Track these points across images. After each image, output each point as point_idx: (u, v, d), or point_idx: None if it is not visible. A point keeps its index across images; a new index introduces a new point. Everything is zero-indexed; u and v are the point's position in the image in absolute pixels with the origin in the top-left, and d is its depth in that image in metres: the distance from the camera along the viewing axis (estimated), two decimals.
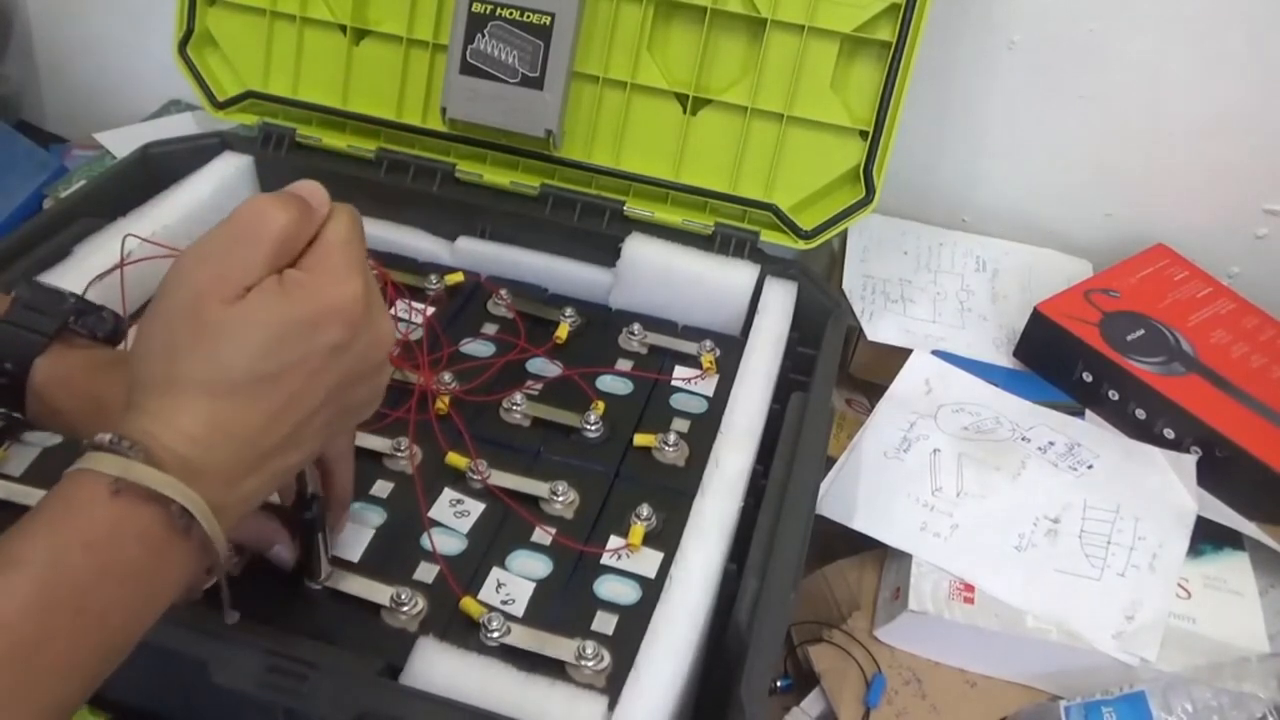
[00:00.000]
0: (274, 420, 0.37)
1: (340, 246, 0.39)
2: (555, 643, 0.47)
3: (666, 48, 0.72)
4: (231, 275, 0.36)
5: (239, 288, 0.36)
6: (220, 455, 0.36)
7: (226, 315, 0.36)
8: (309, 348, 0.37)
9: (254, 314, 0.36)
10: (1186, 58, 0.76)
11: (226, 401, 0.36)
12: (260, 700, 0.42)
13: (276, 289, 0.37)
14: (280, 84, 0.78)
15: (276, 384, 0.37)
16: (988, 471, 0.65)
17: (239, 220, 0.38)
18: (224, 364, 0.36)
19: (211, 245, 0.37)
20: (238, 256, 0.37)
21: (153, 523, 0.34)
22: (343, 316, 0.38)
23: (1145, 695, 0.53)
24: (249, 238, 0.37)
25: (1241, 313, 0.78)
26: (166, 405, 0.35)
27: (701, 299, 0.70)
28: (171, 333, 0.36)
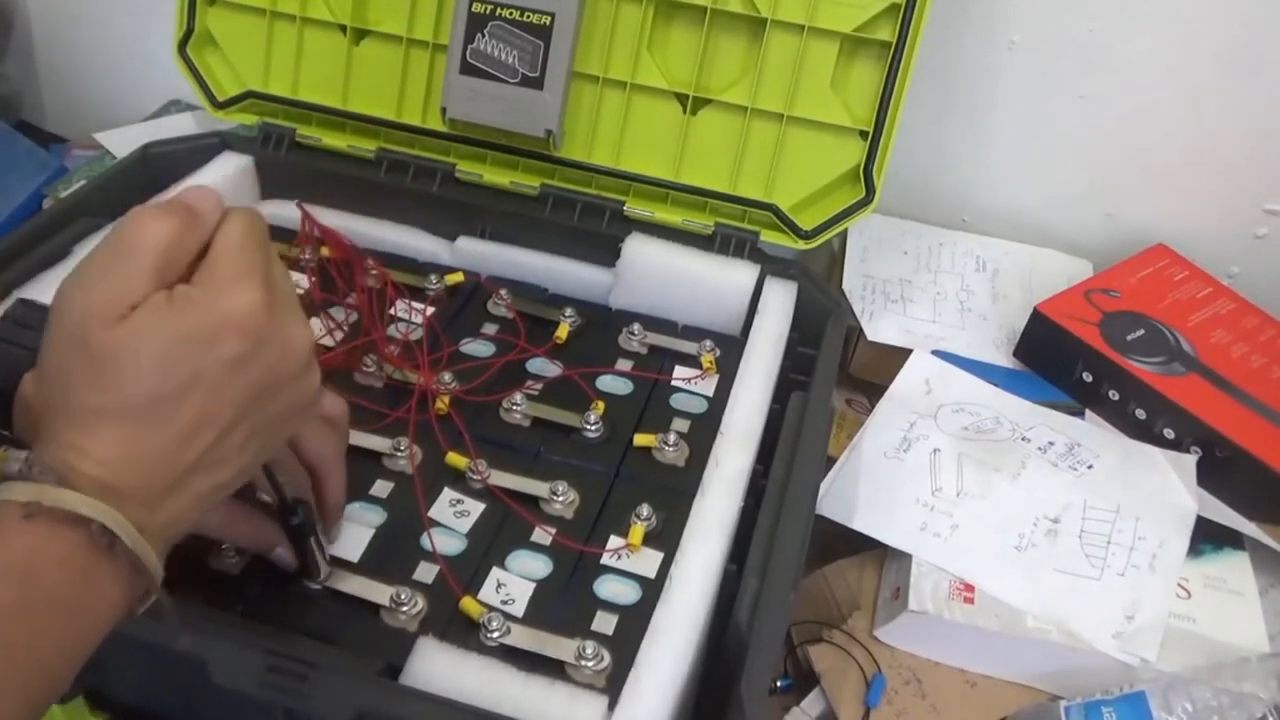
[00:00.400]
0: (184, 441, 0.35)
1: (233, 253, 0.36)
2: (555, 643, 0.47)
3: (666, 48, 0.72)
4: (113, 295, 0.34)
5: (123, 307, 0.34)
6: (134, 478, 0.34)
7: (112, 338, 0.34)
8: (204, 363, 0.35)
9: (141, 334, 0.34)
10: (1186, 58, 0.76)
11: (129, 426, 0.34)
12: (260, 700, 0.42)
13: (164, 305, 0.35)
14: (280, 84, 0.78)
15: (178, 404, 0.35)
16: (988, 471, 0.65)
17: (117, 236, 0.36)
18: (117, 389, 0.34)
19: (91, 266, 0.36)
20: (118, 274, 0.35)
21: (73, 546, 0.32)
22: (238, 328, 0.35)
23: (1145, 695, 0.53)
24: (127, 252, 0.35)
25: (1241, 313, 0.78)
26: (72, 434, 0.34)
27: (701, 299, 0.70)
28: (62, 361, 0.35)
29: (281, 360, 0.37)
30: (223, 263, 0.36)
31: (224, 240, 0.37)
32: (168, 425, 0.35)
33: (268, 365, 0.37)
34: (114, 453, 0.34)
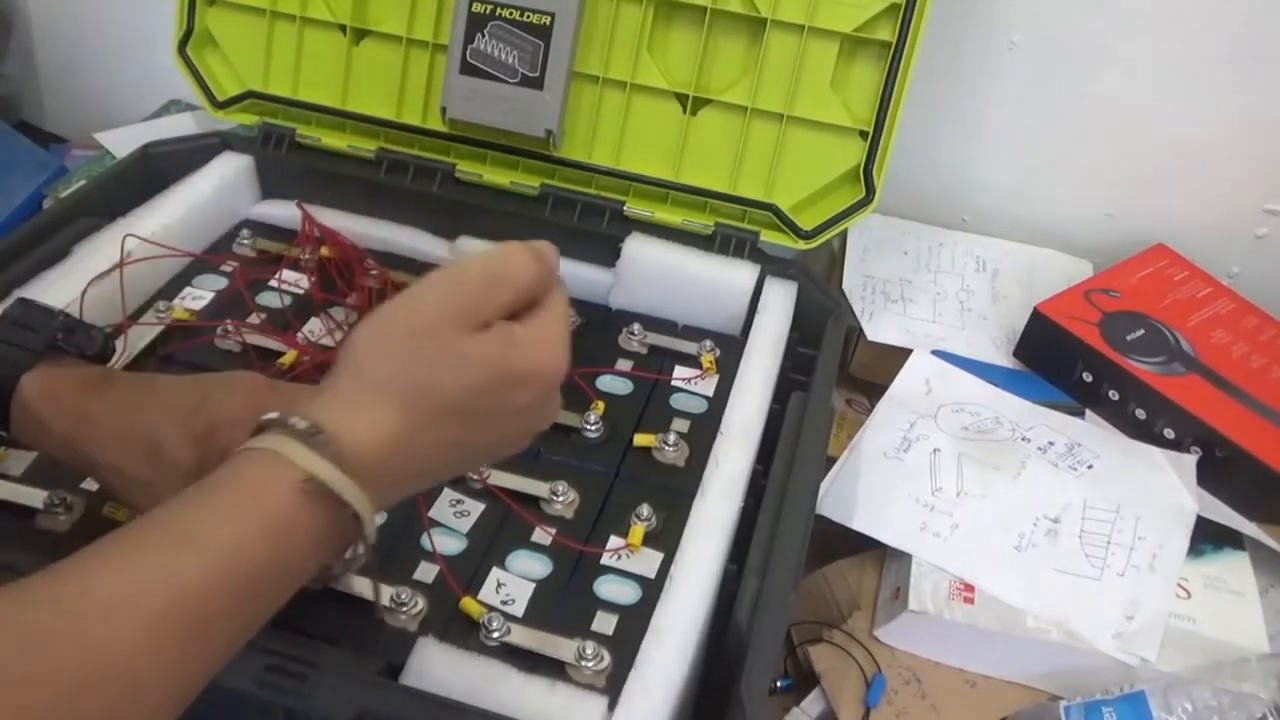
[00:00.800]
0: (451, 449, 0.39)
1: (559, 317, 0.41)
2: (555, 643, 0.47)
3: (666, 48, 0.72)
4: (478, 309, 0.38)
5: (479, 322, 0.38)
6: (396, 465, 0.37)
7: (460, 345, 0.37)
8: (506, 399, 0.39)
9: (481, 353, 0.38)
10: (1186, 58, 0.76)
11: (423, 420, 0.37)
12: (260, 700, 0.42)
13: (506, 338, 0.38)
14: (280, 84, 0.78)
15: (468, 421, 0.38)
16: (988, 471, 0.65)
17: (498, 261, 0.39)
18: (439, 388, 0.37)
19: (471, 275, 0.39)
20: (489, 294, 0.39)
21: (327, 521, 0.35)
22: (543, 383, 0.40)
23: (1145, 695, 0.53)
24: (503, 280, 0.39)
25: (1241, 313, 0.78)
26: (367, 402, 0.37)
27: (701, 299, 0.70)
28: (403, 339, 0.38)
29: (541, 420, 0.42)
30: (553, 323, 0.40)
31: (558, 302, 0.41)
32: (450, 432, 0.38)
33: (532, 421, 0.41)
34: (393, 438, 0.37)
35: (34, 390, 0.46)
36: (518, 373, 0.39)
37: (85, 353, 0.49)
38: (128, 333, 0.62)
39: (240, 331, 0.63)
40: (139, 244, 0.66)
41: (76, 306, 0.60)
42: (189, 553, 0.32)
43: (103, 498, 0.52)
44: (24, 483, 0.53)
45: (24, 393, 0.46)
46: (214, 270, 0.70)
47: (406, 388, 0.37)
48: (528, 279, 0.39)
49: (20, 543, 0.50)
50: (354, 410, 0.37)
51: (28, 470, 0.54)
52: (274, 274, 0.70)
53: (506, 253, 0.40)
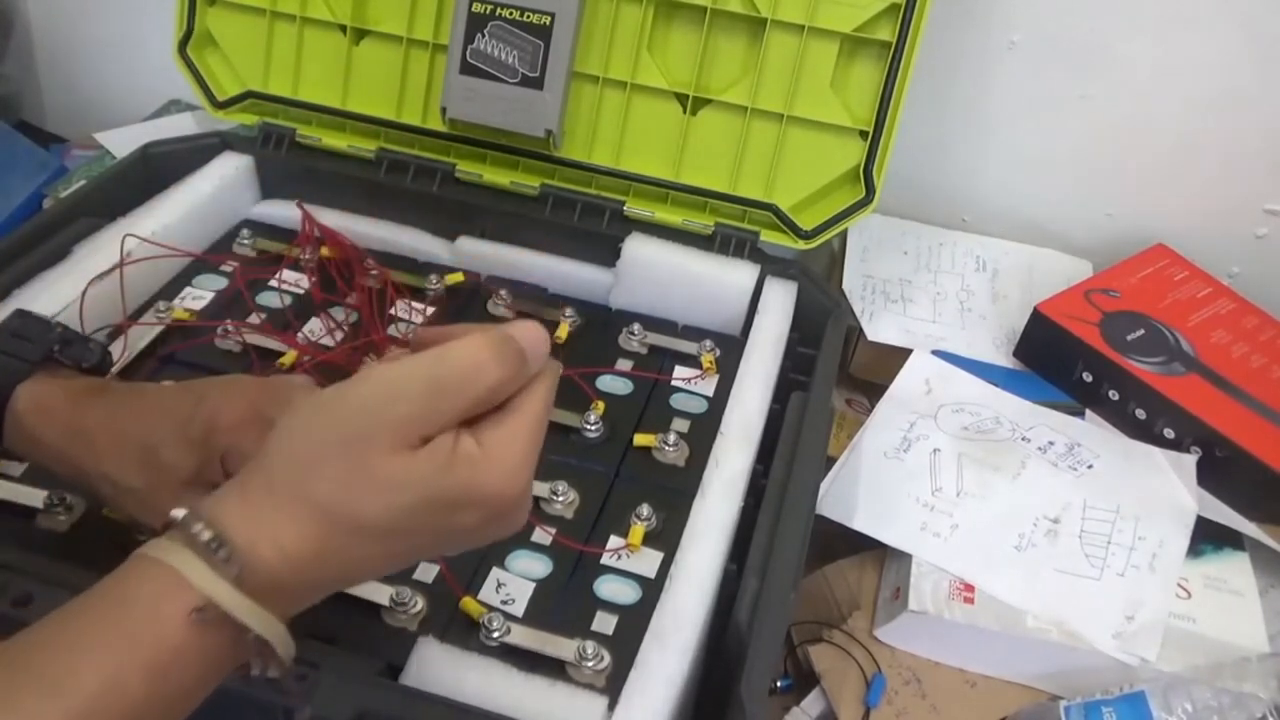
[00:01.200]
0: (378, 561, 0.36)
1: (529, 431, 0.35)
2: (555, 643, 0.47)
3: (666, 48, 0.72)
4: (417, 424, 0.34)
5: (417, 439, 0.34)
6: (311, 578, 0.34)
7: (390, 465, 0.33)
8: (446, 521, 0.35)
9: (415, 476, 0.34)
10: (1186, 57, 0.76)
11: (344, 538, 0.34)
12: (260, 700, 0.42)
13: (447, 458, 0.34)
14: (280, 84, 0.78)
15: (399, 539, 0.35)
16: (988, 471, 0.65)
17: (451, 365, 0.34)
18: (362, 508, 0.34)
19: (416, 382, 0.34)
20: (435, 406, 0.34)
21: (225, 644, 0.33)
22: (490, 508, 0.35)
23: (1145, 695, 0.53)
24: (455, 390, 0.34)
25: (1241, 313, 0.78)
26: (282, 516, 0.34)
27: (701, 299, 0.70)
28: (325, 449, 0.34)
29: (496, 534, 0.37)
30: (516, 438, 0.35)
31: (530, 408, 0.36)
32: (375, 548, 0.35)
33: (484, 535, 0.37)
34: (310, 553, 0.34)
35: (28, 402, 0.46)
36: (457, 499, 0.34)
37: (82, 364, 0.49)
38: (128, 333, 0.62)
39: (240, 331, 0.63)
40: (139, 244, 0.66)
41: (76, 307, 0.60)
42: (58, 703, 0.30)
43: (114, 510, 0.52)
44: (24, 483, 0.53)
45: (18, 404, 0.46)
46: (214, 270, 0.70)
47: (323, 505, 0.34)
48: (485, 386, 0.34)
49: (20, 543, 0.50)
50: (263, 522, 0.33)
51: (28, 470, 0.54)
52: (274, 274, 0.70)
53: (462, 354, 0.34)
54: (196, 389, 0.46)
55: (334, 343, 0.64)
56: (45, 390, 0.46)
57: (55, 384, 0.47)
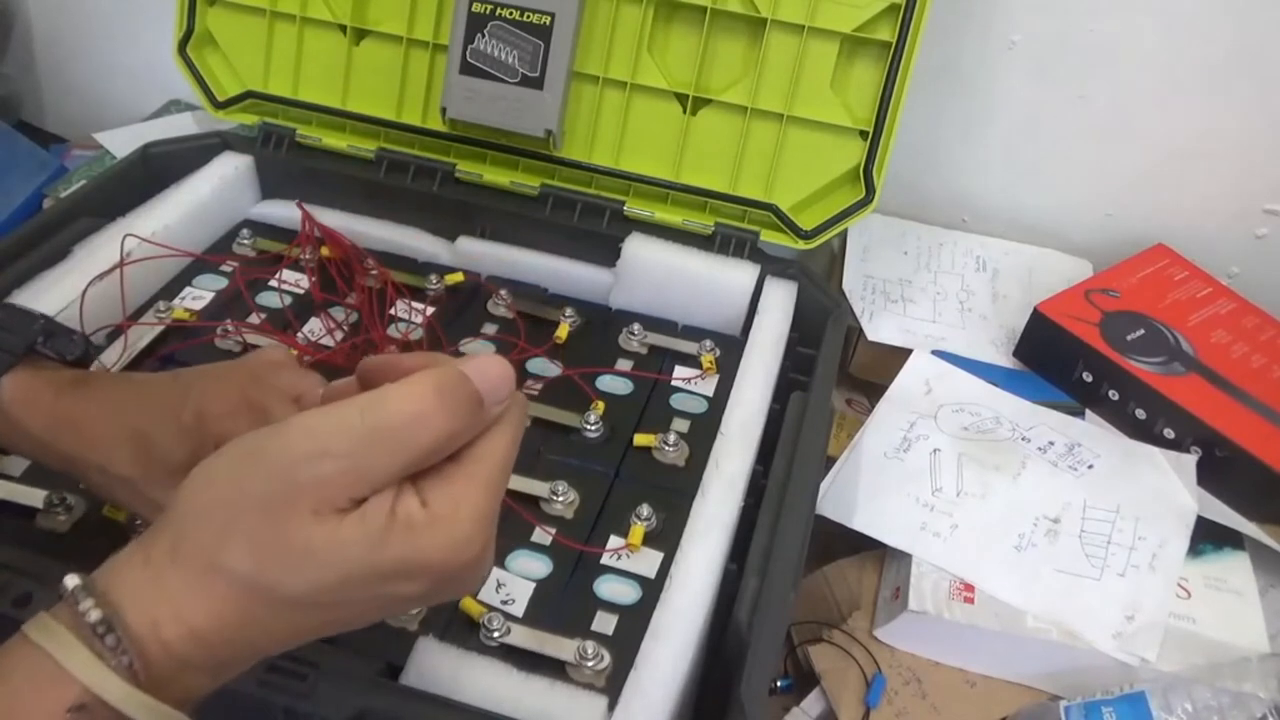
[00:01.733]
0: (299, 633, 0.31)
1: (486, 486, 0.30)
2: (555, 643, 0.47)
3: (666, 48, 0.72)
4: (345, 485, 0.29)
5: (346, 501, 0.29)
6: (226, 655, 0.30)
7: (313, 534, 0.29)
8: (383, 592, 0.30)
9: (342, 547, 0.29)
10: (1186, 57, 0.76)
11: (263, 611, 0.30)
12: (260, 700, 0.42)
13: (382, 526, 0.29)
14: (280, 84, 0.78)
15: (328, 610, 0.30)
16: (988, 471, 0.65)
17: (388, 415, 0.29)
18: (281, 581, 0.29)
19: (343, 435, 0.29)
20: (366, 464, 0.29)
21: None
22: (437, 578, 0.30)
23: (1145, 695, 0.53)
24: (391, 445, 0.29)
25: (1241, 313, 0.78)
26: (190, 589, 0.29)
27: (701, 299, 0.70)
28: (243, 510, 0.29)
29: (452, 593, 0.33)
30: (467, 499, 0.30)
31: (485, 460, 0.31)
32: (300, 622, 0.30)
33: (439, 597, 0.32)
34: (217, 626, 0.29)
35: (13, 393, 0.45)
36: (394, 571, 0.29)
37: (66, 357, 0.48)
38: (128, 333, 0.62)
39: (240, 331, 0.63)
40: (139, 244, 0.66)
41: (76, 307, 0.60)
42: None
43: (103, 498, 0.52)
44: (24, 483, 0.53)
45: (2, 395, 0.45)
46: (214, 270, 0.70)
47: (237, 577, 0.29)
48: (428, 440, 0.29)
49: (20, 543, 0.50)
50: (167, 597, 0.29)
51: (28, 470, 0.54)
52: (274, 274, 0.70)
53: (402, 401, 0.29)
54: (185, 377, 0.46)
55: (334, 343, 0.64)
56: (30, 381, 0.46)
57: (40, 375, 0.46)
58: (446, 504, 0.30)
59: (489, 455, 0.31)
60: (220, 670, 0.31)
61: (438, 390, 0.30)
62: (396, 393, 0.30)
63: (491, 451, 0.31)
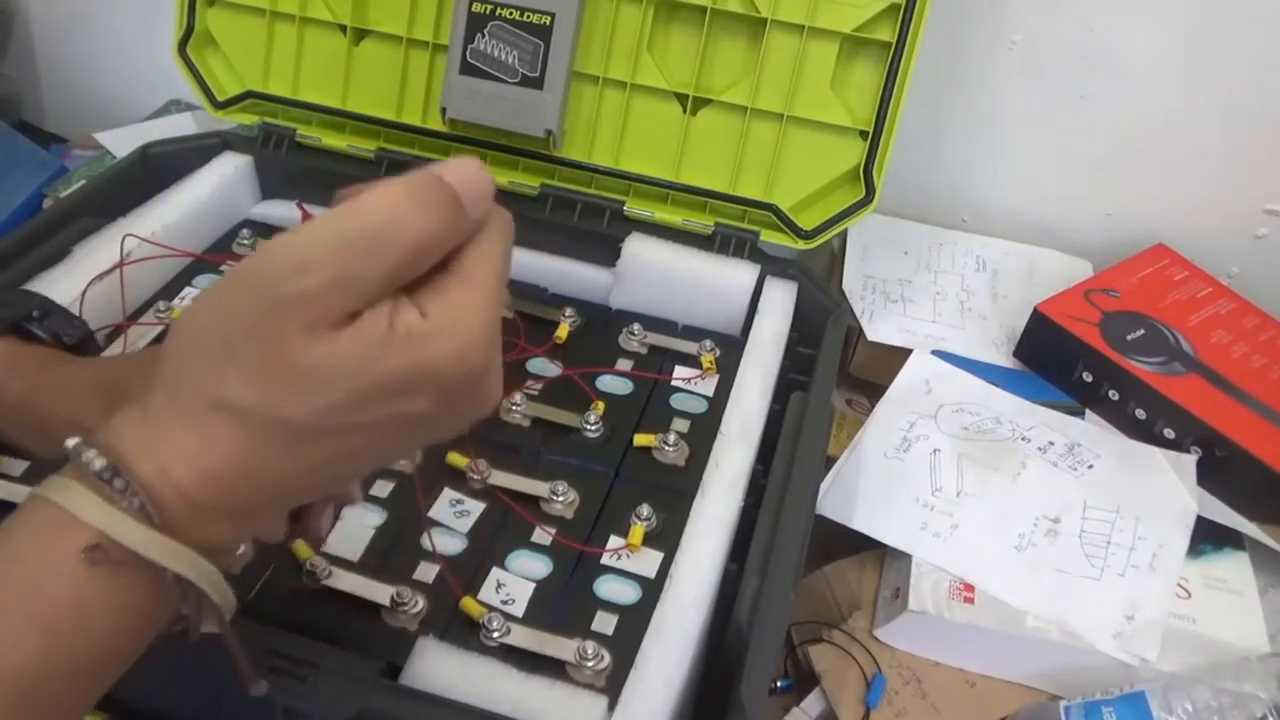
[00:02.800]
0: (316, 469, 0.30)
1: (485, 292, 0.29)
2: (555, 643, 0.47)
3: (666, 48, 0.72)
4: (334, 296, 0.27)
5: (339, 314, 0.28)
6: (239, 497, 0.29)
7: (310, 352, 0.27)
8: (390, 411, 0.29)
9: (344, 362, 0.27)
10: (1186, 57, 0.76)
11: (274, 446, 0.28)
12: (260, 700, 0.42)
13: (384, 336, 0.28)
14: (280, 84, 0.78)
15: (336, 439, 0.29)
16: (988, 471, 0.65)
17: (363, 218, 0.28)
18: (287, 408, 0.28)
19: (321, 245, 0.28)
20: (349, 272, 0.27)
21: (136, 594, 0.28)
22: (443, 391, 0.29)
23: (1145, 695, 0.53)
24: (370, 248, 0.28)
25: (1241, 313, 0.78)
26: (193, 430, 0.28)
27: (701, 299, 0.70)
28: (235, 344, 0.28)
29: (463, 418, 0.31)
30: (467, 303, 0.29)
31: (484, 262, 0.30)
32: (312, 454, 0.29)
33: (447, 423, 0.31)
34: (233, 468, 0.28)
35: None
36: (403, 383, 0.28)
37: (61, 338, 0.47)
38: (128, 333, 0.62)
39: None
40: (139, 244, 0.66)
41: (76, 307, 0.60)
42: None
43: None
44: (23, 482, 0.53)
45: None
46: (214, 270, 0.70)
47: (239, 410, 0.28)
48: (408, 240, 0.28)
49: None
50: (172, 441, 0.28)
51: (27, 470, 0.54)
52: None
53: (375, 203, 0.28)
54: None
55: None
56: (16, 351, 0.45)
57: (29, 348, 0.46)
58: (445, 312, 0.29)
59: (481, 263, 0.30)
60: (241, 516, 0.30)
61: (410, 191, 0.28)
62: (369, 198, 0.28)
63: (483, 260, 0.30)
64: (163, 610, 0.29)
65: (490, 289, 0.30)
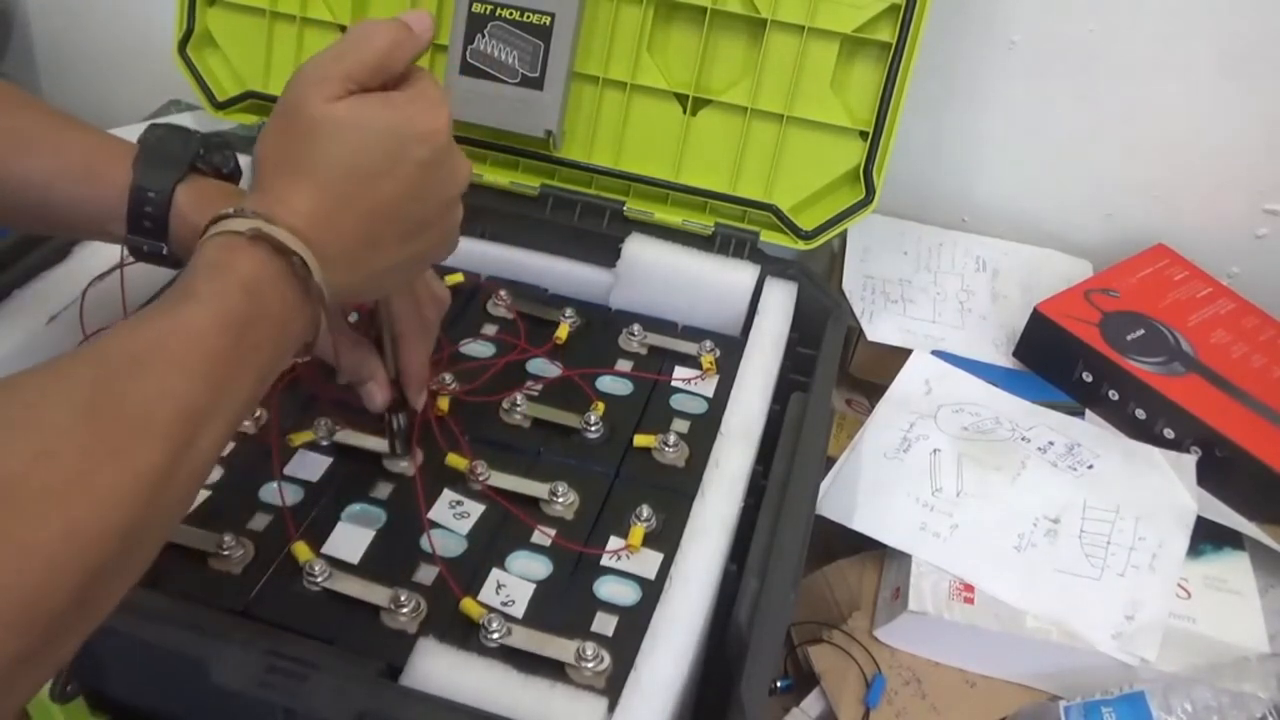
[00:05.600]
0: (369, 219, 0.41)
1: (434, 81, 0.43)
2: (555, 644, 0.47)
3: (666, 48, 0.72)
4: (333, 77, 0.40)
5: (340, 89, 0.40)
6: (323, 235, 0.39)
7: (331, 110, 0.40)
8: (401, 157, 0.41)
9: (354, 114, 0.40)
10: (1186, 57, 0.76)
11: (330, 193, 0.40)
12: (260, 700, 0.42)
13: (379, 98, 0.41)
14: (280, 84, 0.77)
15: (371, 184, 0.41)
16: (988, 471, 0.65)
17: (346, 36, 0.42)
18: (326, 155, 0.40)
19: (321, 56, 0.42)
20: (342, 63, 0.41)
21: (283, 272, 0.38)
22: (433, 139, 0.42)
23: (1145, 695, 0.53)
24: (355, 47, 0.41)
25: (1241, 313, 0.78)
26: (279, 188, 0.40)
27: (701, 299, 0.70)
28: (284, 127, 0.41)
29: (449, 181, 0.44)
30: (428, 85, 0.43)
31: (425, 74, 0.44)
32: (359, 201, 0.41)
33: (440, 180, 0.44)
34: (310, 208, 0.39)
35: (189, 198, 0.48)
36: (397, 127, 0.41)
37: (222, 170, 0.51)
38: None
39: None
40: None
41: (77, 307, 0.60)
42: (188, 307, 0.36)
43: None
44: None
45: (180, 203, 0.48)
46: None
47: (299, 165, 0.40)
48: (381, 42, 0.42)
49: None
50: (268, 200, 0.39)
51: None
52: None
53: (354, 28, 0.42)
54: None
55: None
56: (203, 188, 0.49)
57: (209, 183, 0.50)
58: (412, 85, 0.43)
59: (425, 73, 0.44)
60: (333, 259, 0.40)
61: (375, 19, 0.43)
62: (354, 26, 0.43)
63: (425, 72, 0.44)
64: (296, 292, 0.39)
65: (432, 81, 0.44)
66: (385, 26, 0.42)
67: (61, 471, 0.30)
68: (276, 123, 0.42)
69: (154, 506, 0.33)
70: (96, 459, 0.31)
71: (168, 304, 0.37)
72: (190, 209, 0.48)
